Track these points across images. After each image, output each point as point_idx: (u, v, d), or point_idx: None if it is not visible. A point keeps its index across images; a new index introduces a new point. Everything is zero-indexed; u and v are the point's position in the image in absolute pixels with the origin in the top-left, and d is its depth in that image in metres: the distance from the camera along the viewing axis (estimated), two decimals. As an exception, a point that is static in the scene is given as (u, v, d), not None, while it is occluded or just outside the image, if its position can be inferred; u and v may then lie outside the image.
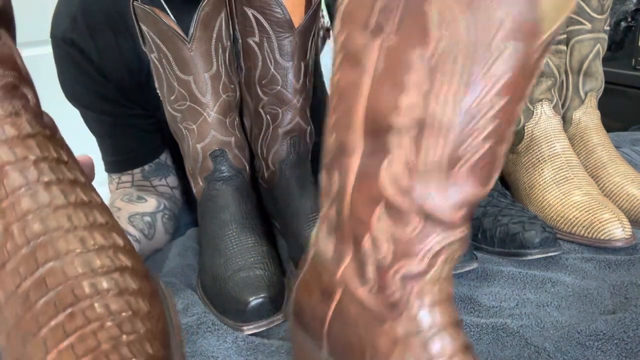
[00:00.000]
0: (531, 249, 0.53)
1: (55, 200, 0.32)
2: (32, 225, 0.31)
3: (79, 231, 0.32)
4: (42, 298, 0.30)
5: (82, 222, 0.32)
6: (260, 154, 0.60)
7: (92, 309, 0.29)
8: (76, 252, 0.31)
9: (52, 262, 0.30)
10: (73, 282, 0.30)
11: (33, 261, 0.30)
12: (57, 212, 0.31)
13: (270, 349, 0.42)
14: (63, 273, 0.30)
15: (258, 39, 0.53)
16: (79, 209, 0.33)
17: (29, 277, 0.30)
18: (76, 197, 0.33)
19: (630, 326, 0.42)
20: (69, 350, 0.28)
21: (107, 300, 0.30)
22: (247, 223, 0.54)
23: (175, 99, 0.54)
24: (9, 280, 0.30)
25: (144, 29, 0.52)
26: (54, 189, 0.32)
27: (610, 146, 0.68)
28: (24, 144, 0.32)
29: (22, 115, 0.32)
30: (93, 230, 0.32)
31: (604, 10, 0.67)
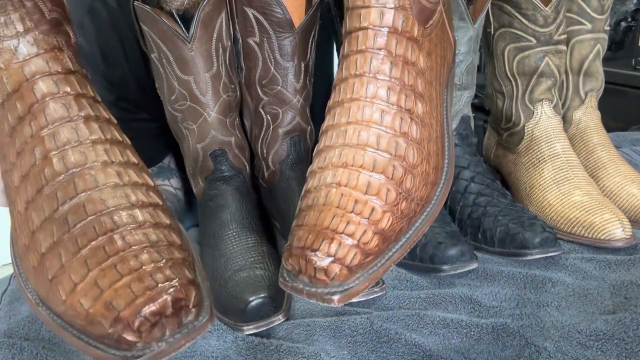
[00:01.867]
0: (531, 249, 0.53)
1: (94, 134, 0.34)
2: (72, 155, 0.32)
3: (115, 166, 0.33)
4: (80, 222, 0.31)
5: (117, 158, 0.34)
6: (261, 154, 0.60)
7: (132, 235, 0.31)
8: (114, 184, 0.32)
9: (91, 191, 0.32)
10: (112, 210, 0.31)
11: (72, 188, 0.32)
12: (95, 146, 0.33)
13: (270, 348, 0.42)
14: (102, 202, 0.32)
15: (258, 39, 0.53)
16: (115, 146, 0.34)
17: (67, 202, 0.31)
18: (112, 135, 0.35)
19: (630, 326, 0.42)
20: (112, 268, 0.29)
21: (145, 230, 0.32)
22: (247, 223, 0.54)
23: (176, 99, 0.54)
24: (45, 204, 0.32)
25: (144, 29, 0.52)
26: (93, 124, 0.34)
27: (610, 146, 0.68)
28: (66, 79, 0.34)
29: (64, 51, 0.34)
30: (127, 168, 0.34)
31: (604, 10, 0.67)
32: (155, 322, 0.28)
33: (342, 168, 0.36)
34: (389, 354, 0.41)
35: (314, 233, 0.34)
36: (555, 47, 0.64)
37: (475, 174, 0.61)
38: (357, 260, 0.33)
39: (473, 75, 0.62)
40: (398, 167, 0.36)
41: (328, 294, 0.33)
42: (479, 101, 1.20)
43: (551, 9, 0.61)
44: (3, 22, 0.32)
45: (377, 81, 0.37)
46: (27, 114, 0.33)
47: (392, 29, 0.37)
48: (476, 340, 0.42)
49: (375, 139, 0.37)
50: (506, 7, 0.63)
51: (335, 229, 0.34)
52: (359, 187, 0.35)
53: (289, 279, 0.35)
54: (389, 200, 0.35)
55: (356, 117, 0.37)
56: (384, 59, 0.37)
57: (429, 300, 0.48)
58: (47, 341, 0.45)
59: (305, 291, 0.34)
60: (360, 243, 0.34)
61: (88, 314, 0.28)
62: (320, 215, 0.35)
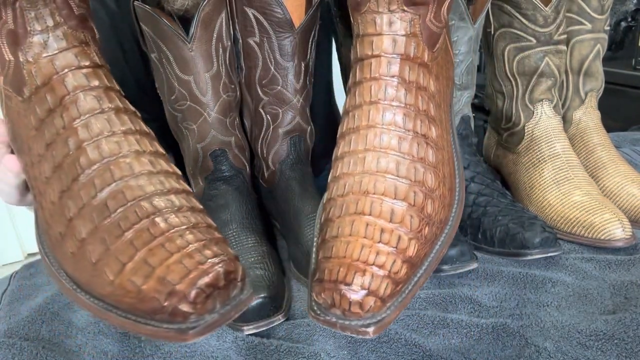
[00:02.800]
0: (531, 249, 0.53)
1: (125, 125, 0.35)
2: (106, 144, 0.33)
3: (147, 155, 0.34)
4: (121, 207, 0.32)
5: (148, 148, 0.35)
6: (261, 153, 0.60)
7: (174, 218, 0.32)
8: (148, 172, 0.34)
9: (128, 178, 0.33)
10: (151, 196, 0.32)
11: (109, 175, 0.32)
12: (127, 136, 0.34)
13: (270, 348, 0.42)
14: (139, 187, 0.32)
15: (258, 39, 0.53)
16: (144, 137, 0.36)
17: (106, 189, 0.32)
18: (140, 127, 0.36)
19: (630, 326, 0.42)
20: (160, 248, 0.30)
21: (184, 213, 0.33)
22: (247, 223, 0.54)
23: (176, 99, 0.54)
24: (83, 192, 0.32)
25: (144, 29, 0.52)
26: (123, 116, 0.35)
27: (610, 146, 0.68)
28: (95, 73, 0.35)
29: (91, 45, 0.35)
30: (158, 157, 0.35)
31: (604, 10, 0.67)
32: (209, 294, 0.30)
33: (364, 196, 0.36)
34: (389, 354, 0.41)
35: (344, 266, 0.34)
36: (555, 47, 0.64)
37: (475, 174, 0.61)
38: (389, 290, 0.34)
39: (473, 75, 0.62)
40: (419, 192, 0.37)
41: (362, 326, 0.33)
42: (479, 101, 1.20)
43: (551, 9, 0.61)
44: (33, 16, 0.33)
45: (393, 108, 0.38)
46: (58, 106, 0.34)
47: (405, 56, 0.38)
48: (476, 340, 0.42)
49: (395, 166, 0.37)
50: (506, 7, 0.63)
51: (366, 260, 0.34)
52: (383, 215, 0.35)
53: (320, 312, 0.35)
54: (414, 227, 0.36)
55: (374, 144, 0.38)
56: (399, 86, 0.38)
57: (429, 300, 0.48)
58: (47, 341, 0.45)
59: (339, 324, 0.34)
60: (391, 273, 0.34)
61: (140, 290, 0.29)
62: (349, 246, 0.35)
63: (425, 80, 0.39)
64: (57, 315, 0.49)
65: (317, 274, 0.36)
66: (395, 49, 0.38)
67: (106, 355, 0.43)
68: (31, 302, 0.52)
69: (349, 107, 0.40)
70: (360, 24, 0.39)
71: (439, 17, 0.39)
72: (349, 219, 0.36)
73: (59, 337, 0.46)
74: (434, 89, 0.39)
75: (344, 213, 0.37)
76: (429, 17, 0.38)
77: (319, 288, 0.35)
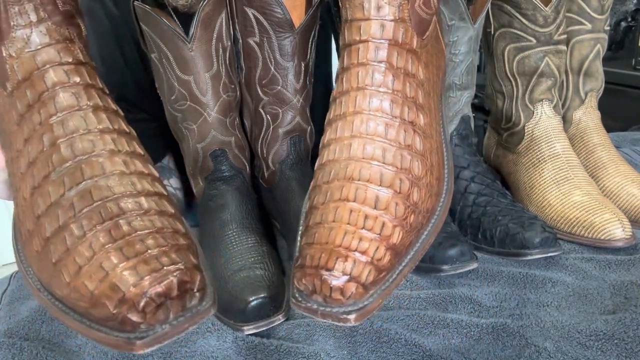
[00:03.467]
0: (531, 249, 0.53)
1: (102, 124, 0.34)
2: (80, 142, 0.33)
3: (122, 155, 0.34)
4: (87, 207, 0.31)
5: (124, 148, 0.35)
6: (261, 153, 0.60)
7: (138, 221, 0.31)
8: (120, 172, 0.33)
9: (98, 177, 0.32)
10: (118, 197, 0.32)
11: (79, 174, 0.32)
12: (103, 135, 0.34)
13: (270, 348, 0.42)
14: (108, 188, 0.32)
15: (258, 39, 0.53)
16: (122, 137, 0.35)
17: (74, 188, 0.32)
18: (119, 126, 0.35)
19: (630, 326, 0.42)
20: (117, 251, 0.30)
21: (150, 217, 0.32)
22: (247, 223, 0.54)
23: (176, 99, 0.54)
24: (52, 189, 0.32)
25: (145, 29, 0.52)
26: (101, 114, 0.35)
27: (610, 146, 0.68)
28: (77, 70, 0.34)
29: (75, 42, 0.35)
30: (134, 158, 0.35)
31: (604, 10, 0.67)
32: (160, 304, 0.29)
33: (349, 182, 0.36)
34: (389, 354, 0.41)
35: (326, 251, 0.33)
36: (555, 47, 0.64)
37: (475, 174, 0.61)
38: (372, 277, 0.33)
39: (473, 75, 0.62)
40: (405, 180, 0.36)
41: (344, 313, 0.33)
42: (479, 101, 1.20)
43: (551, 9, 0.61)
44: (17, 11, 0.33)
45: (380, 94, 0.37)
46: (36, 102, 0.33)
47: (393, 41, 0.37)
48: (476, 340, 0.42)
49: (381, 153, 0.36)
50: (506, 7, 0.63)
51: (348, 246, 0.33)
52: (367, 202, 0.35)
53: (302, 299, 0.35)
54: (398, 214, 0.35)
55: (360, 130, 0.37)
56: (386, 72, 0.37)
57: (429, 300, 0.48)
58: (47, 341, 0.45)
59: (320, 311, 0.34)
60: (374, 260, 0.33)
61: (92, 295, 0.29)
62: (331, 232, 0.34)
63: (413, 67, 0.38)
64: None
65: (299, 260, 0.35)
66: (383, 34, 0.37)
67: (106, 355, 0.43)
68: (31, 302, 0.52)
69: (336, 94, 0.39)
70: (349, 9, 0.38)
71: (428, 4, 0.38)
72: (333, 205, 0.36)
73: (59, 337, 0.46)
74: (423, 77, 0.39)
75: (328, 199, 0.36)
76: (418, 2, 0.38)
77: (300, 274, 0.34)
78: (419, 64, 0.38)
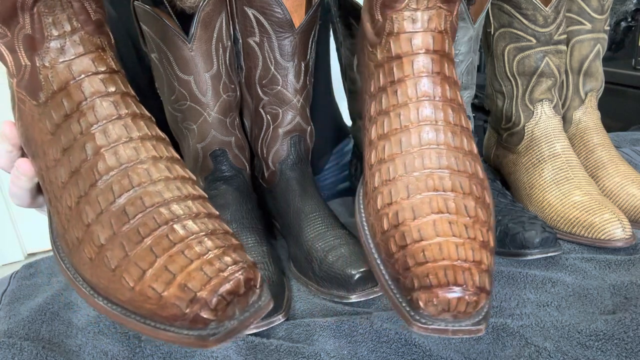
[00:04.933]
0: (531, 249, 0.53)
1: (142, 131, 0.35)
2: (124, 150, 0.33)
3: (164, 161, 0.35)
4: (140, 213, 0.32)
5: (164, 154, 0.35)
6: (261, 153, 0.60)
7: (192, 224, 0.32)
8: (166, 178, 0.34)
9: (147, 184, 0.33)
10: (169, 202, 0.33)
11: (127, 182, 0.33)
12: (144, 142, 0.34)
13: (270, 348, 0.42)
14: (158, 194, 0.33)
15: (258, 39, 0.53)
16: (160, 143, 0.36)
17: (124, 195, 0.32)
18: (156, 132, 0.36)
19: (630, 326, 0.42)
20: (179, 254, 0.30)
21: (201, 220, 0.33)
22: (247, 223, 0.54)
23: (176, 99, 0.54)
24: (101, 197, 0.32)
25: (145, 29, 0.52)
26: (140, 122, 0.35)
27: (610, 146, 0.68)
28: (111, 78, 0.35)
29: (107, 51, 0.36)
30: (174, 163, 0.35)
31: (604, 10, 0.67)
32: (230, 301, 0.30)
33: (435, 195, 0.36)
34: (389, 354, 0.41)
35: (449, 268, 0.33)
36: (555, 47, 0.64)
37: (475, 174, 0.61)
38: (490, 282, 0.34)
39: (473, 75, 0.62)
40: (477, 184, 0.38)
41: (474, 324, 0.33)
42: (479, 101, 1.20)
43: (551, 9, 0.61)
44: (51, 21, 0.33)
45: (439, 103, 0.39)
46: (75, 112, 0.34)
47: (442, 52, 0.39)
48: (476, 340, 0.42)
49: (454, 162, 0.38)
50: (506, 7, 0.63)
51: (466, 258, 0.34)
52: (460, 212, 0.36)
53: (427, 321, 0.34)
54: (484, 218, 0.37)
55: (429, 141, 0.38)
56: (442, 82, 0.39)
57: (429, 300, 0.48)
58: (47, 341, 0.45)
59: (451, 330, 0.33)
60: (488, 266, 0.34)
61: (161, 297, 0.29)
62: (442, 247, 0.34)
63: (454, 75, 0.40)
64: (57, 315, 0.49)
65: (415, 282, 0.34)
66: (433, 46, 0.38)
67: (106, 355, 0.43)
68: (31, 302, 0.52)
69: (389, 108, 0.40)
70: (395, 22, 0.39)
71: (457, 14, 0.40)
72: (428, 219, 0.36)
73: (59, 337, 0.46)
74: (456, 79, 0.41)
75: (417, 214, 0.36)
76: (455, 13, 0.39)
77: (427, 295, 0.33)
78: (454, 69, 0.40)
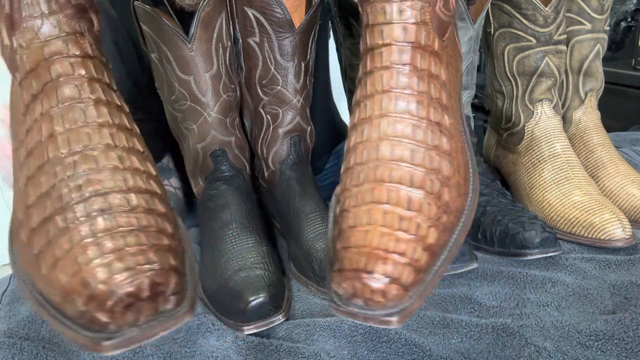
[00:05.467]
0: (531, 249, 0.53)
1: (102, 118, 0.34)
2: (77, 135, 0.33)
3: (118, 150, 0.34)
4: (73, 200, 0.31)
5: (122, 143, 0.34)
6: (261, 153, 0.60)
7: (122, 217, 0.31)
8: (113, 167, 0.33)
9: (90, 171, 0.32)
10: (107, 192, 0.32)
11: (71, 167, 0.32)
12: (102, 129, 0.34)
13: (270, 348, 0.42)
14: (99, 182, 0.32)
15: (258, 39, 0.53)
16: (122, 132, 0.35)
17: (65, 180, 0.32)
18: (120, 121, 0.35)
19: (630, 326, 0.42)
20: (94, 246, 0.29)
21: (136, 214, 0.32)
22: (247, 223, 0.54)
23: (176, 99, 0.54)
24: (44, 179, 0.32)
25: (145, 29, 0.52)
26: (102, 108, 0.35)
27: (610, 146, 0.68)
28: (83, 63, 0.35)
29: (85, 36, 0.35)
30: (131, 154, 0.35)
31: (604, 10, 0.67)
32: (129, 304, 0.28)
33: (380, 185, 0.36)
34: (389, 354, 0.41)
35: (365, 254, 0.33)
36: (555, 47, 0.64)
37: (475, 174, 0.61)
38: (411, 278, 0.33)
39: (473, 75, 0.62)
40: (435, 180, 0.37)
41: (386, 315, 0.33)
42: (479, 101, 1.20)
43: (551, 9, 0.61)
44: (30, 2, 0.33)
45: (406, 96, 0.38)
46: (40, 92, 0.34)
47: (416, 44, 0.38)
48: (476, 340, 0.42)
49: (410, 154, 0.37)
50: (506, 7, 0.63)
51: (386, 248, 0.33)
52: (401, 203, 0.35)
53: (342, 304, 0.34)
54: (432, 214, 0.36)
55: (387, 132, 0.37)
56: (411, 74, 0.38)
57: (429, 300, 0.48)
58: (47, 341, 0.45)
59: (361, 315, 0.33)
60: (413, 261, 0.33)
61: (64, 289, 0.28)
62: (368, 235, 0.34)
63: (436, 69, 0.38)
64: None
65: (336, 264, 0.35)
66: (406, 37, 0.38)
67: (106, 355, 0.43)
68: (31, 302, 0.52)
69: (360, 98, 0.40)
70: (370, 14, 0.38)
71: (448, 6, 0.39)
72: (366, 207, 0.35)
73: (59, 337, 0.46)
74: (445, 78, 0.39)
75: (360, 202, 0.36)
76: (439, 5, 0.38)
77: (339, 278, 0.34)
78: (440, 65, 0.39)
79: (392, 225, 0.34)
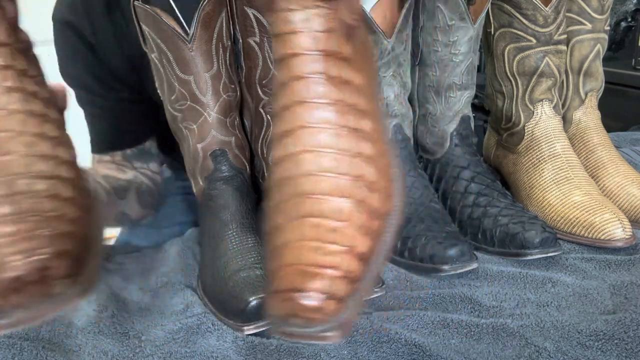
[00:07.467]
0: (531, 249, 0.53)
1: (13, 105, 0.34)
2: None
3: (27, 136, 0.34)
4: None
5: (32, 129, 0.34)
6: (261, 153, 0.60)
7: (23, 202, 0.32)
8: (20, 153, 0.33)
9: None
10: (12, 177, 0.32)
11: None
12: (12, 115, 0.34)
13: (270, 348, 0.42)
14: (5, 169, 0.32)
15: (259, 39, 0.53)
16: (33, 118, 0.35)
17: None
18: (32, 108, 0.35)
19: (630, 326, 0.42)
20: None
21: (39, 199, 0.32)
22: (247, 223, 0.54)
23: (176, 99, 0.54)
24: None
25: (145, 29, 0.52)
26: (14, 95, 0.34)
27: (610, 146, 0.68)
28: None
29: None
30: (41, 140, 0.35)
31: (604, 10, 0.67)
32: (15, 288, 0.29)
33: (307, 198, 0.35)
34: (389, 354, 0.41)
35: (297, 273, 0.33)
36: (555, 47, 0.64)
37: (475, 174, 0.61)
38: (347, 290, 0.33)
39: (473, 75, 0.62)
40: (362, 187, 0.36)
41: (324, 331, 0.32)
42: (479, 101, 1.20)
43: (551, 9, 0.61)
44: None
45: (323, 105, 0.37)
46: None
47: (325, 52, 0.37)
48: (476, 340, 0.42)
49: (334, 164, 0.36)
50: (506, 7, 0.63)
51: (319, 263, 0.33)
52: (330, 215, 0.35)
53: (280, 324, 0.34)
54: (361, 222, 0.35)
55: (309, 144, 0.37)
56: (325, 83, 0.37)
57: (429, 300, 0.48)
58: (47, 341, 0.45)
59: (299, 334, 0.33)
60: (346, 272, 0.33)
61: None
62: (299, 252, 0.34)
63: (349, 74, 0.38)
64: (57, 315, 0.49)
65: (272, 284, 0.34)
66: (315, 46, 0.37)
67: (106, 355, 0.43)
68: (31, 302, 0.52)
69: (278, 110, 0.39)
70: (274, 23, 0.38)
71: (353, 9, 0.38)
72: (296, 223, 0.35)
73: (59, 337, 0.46)
74: (360, 82, 0.39)
75: (289, 218, 0.36)
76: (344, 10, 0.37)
77: (273, 300, 0.34)
78: (353, 70, 0.38)
79: (323, 238, 0.34)
